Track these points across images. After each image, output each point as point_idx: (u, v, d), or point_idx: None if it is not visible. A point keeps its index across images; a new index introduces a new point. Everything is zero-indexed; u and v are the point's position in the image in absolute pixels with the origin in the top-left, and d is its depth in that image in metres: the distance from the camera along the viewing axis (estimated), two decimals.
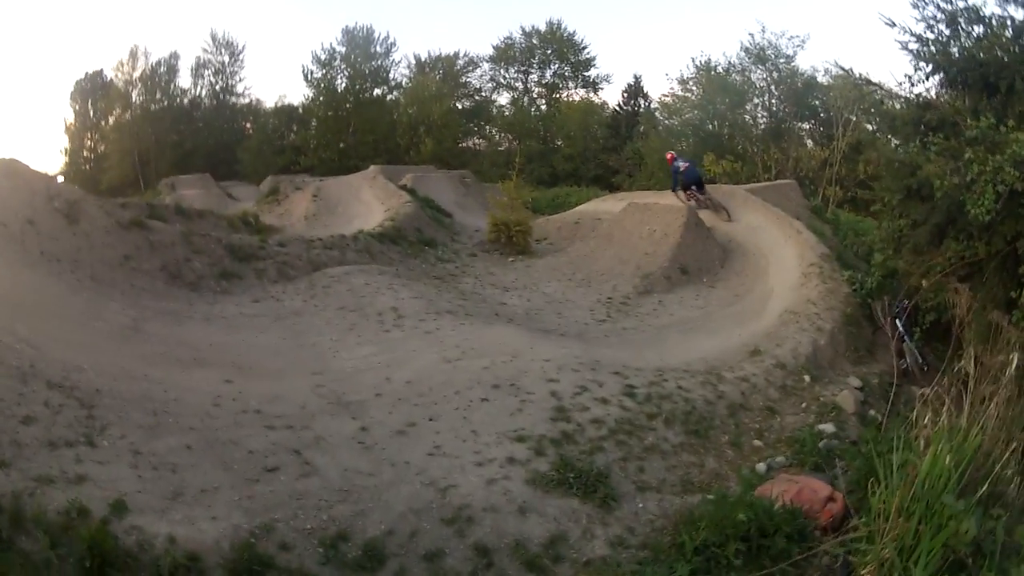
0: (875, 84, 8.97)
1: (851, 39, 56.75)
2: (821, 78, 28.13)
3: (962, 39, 7.39)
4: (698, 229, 11.39)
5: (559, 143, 37.17)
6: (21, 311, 5.71)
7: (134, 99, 47.14)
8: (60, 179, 58.04)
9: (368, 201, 16.99)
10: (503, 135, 41.48)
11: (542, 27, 40.69)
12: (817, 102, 28.17)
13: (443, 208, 17.21)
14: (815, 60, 40.92)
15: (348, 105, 38.89)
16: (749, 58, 29.14)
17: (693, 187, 13.22)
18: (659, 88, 37.62)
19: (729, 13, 62.98)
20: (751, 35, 29.12)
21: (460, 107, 41.28)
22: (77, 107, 50.78)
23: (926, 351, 7.46)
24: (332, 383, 5.78)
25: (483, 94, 42.88)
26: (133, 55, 47.47)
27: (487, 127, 42.44)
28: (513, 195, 13.82)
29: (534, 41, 40.88)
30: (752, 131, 27.89)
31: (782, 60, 28.66)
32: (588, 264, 11.21)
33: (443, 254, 12.48)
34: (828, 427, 5.56)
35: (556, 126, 37.61)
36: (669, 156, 14.46)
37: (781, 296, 8.95)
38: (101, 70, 50.25)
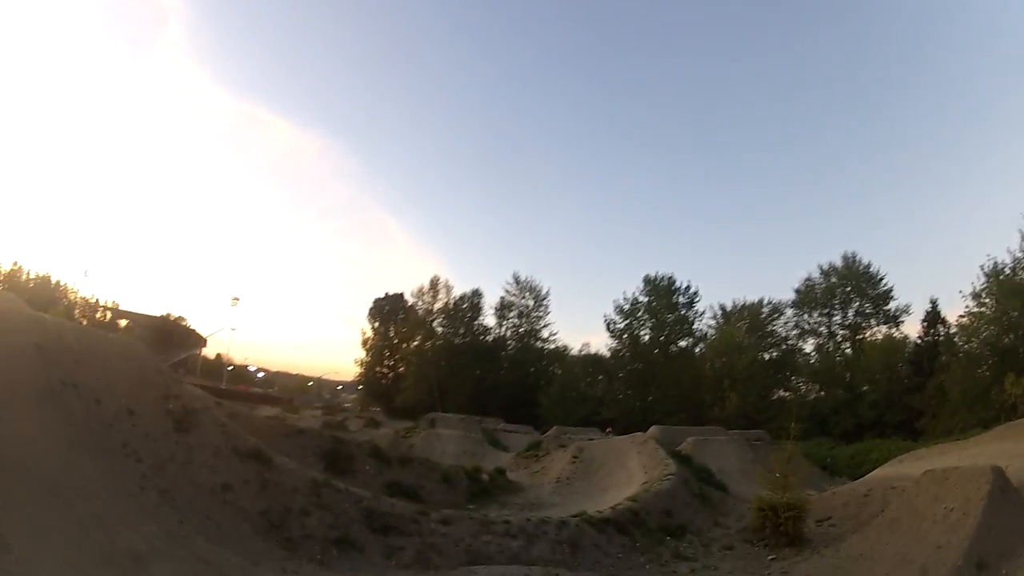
0: None
1: None
2: None
3: None
4: (1004, 496, 8.50)
5: (864, 388, 34.49)
6: (39, 505, 4.57)
7: (436, 328, 52.11)
8: (360, 388, 66.57)
9: (632, 469, 15.61)
10: (810, 386, 39.79)
11: (839, 263, 40.91)
12: None
13: (717, 479, 16.01)
14: None
15: (652, 358, 39.07)
16: None
17: None
18: (956, 309, 34.54)
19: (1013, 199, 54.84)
20: None
21: (767, 358, 40.87)
22: (377, 325, 57.65)
23: None
24: None
25: (788, 343, 42.54)
26: (435, 286, 54.39)
27: (792, 378, 41.21)
28: (785, 470, 11.44)
29: (833, 279, 41.05)
30: None
31: None
32: (861, 571, 8.88)
33: (686, 548, 10.60)
34: None
35: (860, 370, 35.16)
36: None
37: None
38: (401, 294, 58.06)
